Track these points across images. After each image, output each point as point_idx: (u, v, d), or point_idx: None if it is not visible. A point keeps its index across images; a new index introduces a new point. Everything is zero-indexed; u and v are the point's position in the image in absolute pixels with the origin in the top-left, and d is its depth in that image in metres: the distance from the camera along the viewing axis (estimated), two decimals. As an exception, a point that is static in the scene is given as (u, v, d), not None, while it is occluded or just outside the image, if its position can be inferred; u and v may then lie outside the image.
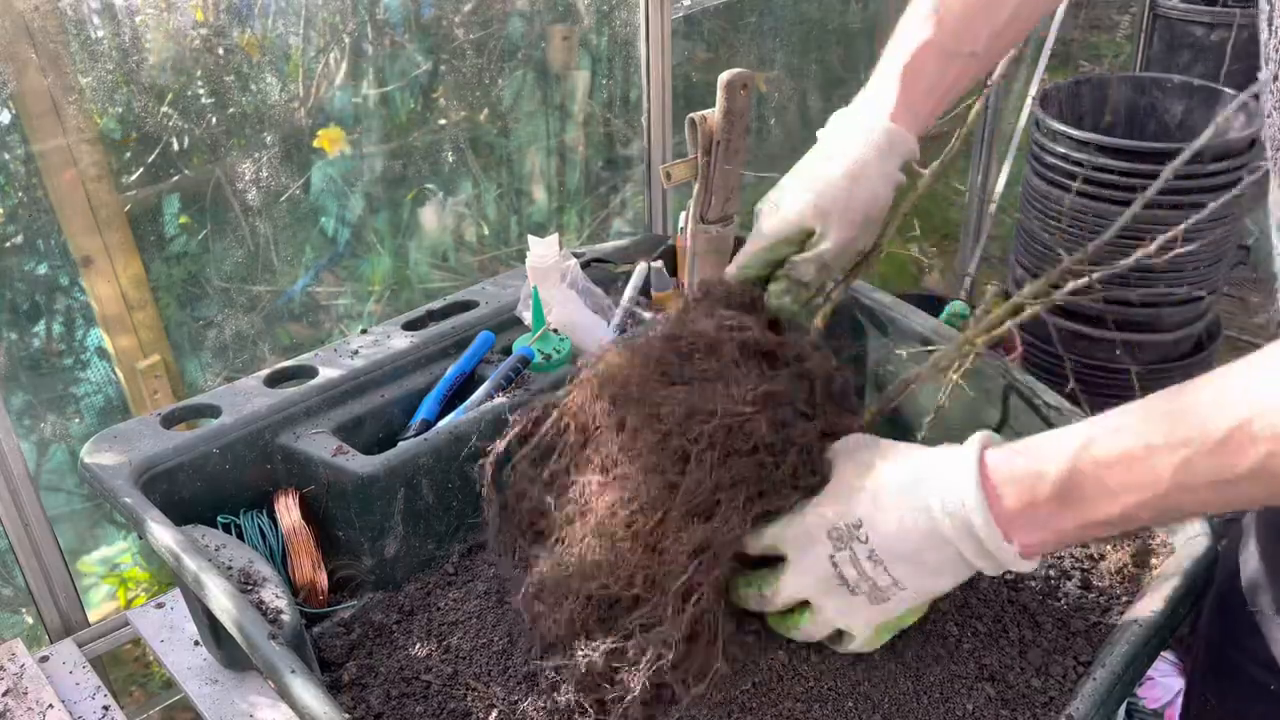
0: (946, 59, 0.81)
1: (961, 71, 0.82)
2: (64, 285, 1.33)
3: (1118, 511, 0.58)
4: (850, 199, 0.80)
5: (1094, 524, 0.60)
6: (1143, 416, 0.58)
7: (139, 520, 0.80)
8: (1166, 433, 0.56)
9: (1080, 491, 0.59)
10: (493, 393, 0.97)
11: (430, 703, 0.77)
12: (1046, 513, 0.61)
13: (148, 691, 1.42)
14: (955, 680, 0.76)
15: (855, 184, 0.80)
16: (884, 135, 0.81)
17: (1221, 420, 0.54)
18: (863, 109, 0.83)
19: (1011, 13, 0.81)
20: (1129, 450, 0.57)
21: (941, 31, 0.80)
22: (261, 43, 1.36)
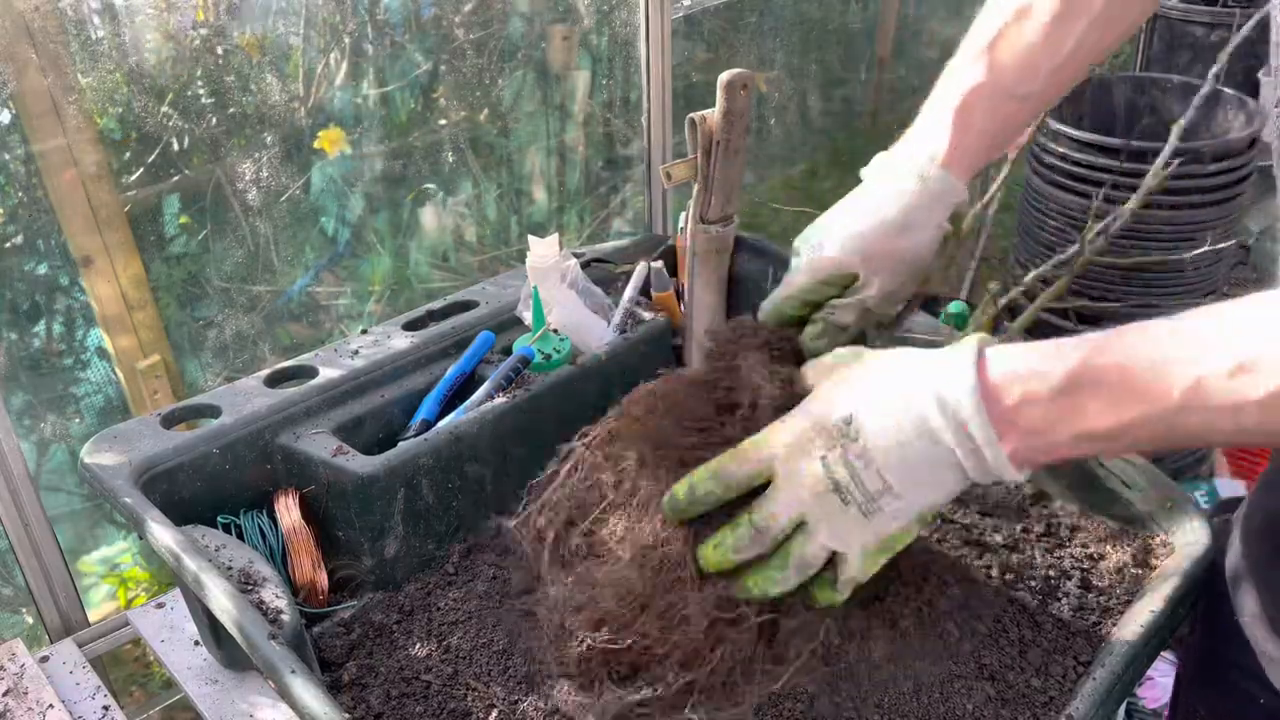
0: (1000, 100, 0.78)
1: (1016, 112, 0.79)
2: (64, 285, 1.33)
3: (1118, 423, 0.56)
4: (898, 247, 0.77)
5: (1091, 435, 0.57)
6: (1162, 332, 0.56)
7: (139, 520, 0.80)
8: (1184, 349, 0.55)
9: (1082, 395, 0.57)
10: (493, 393, 0.97)
11: (430, 703, 0.77)
12: (1044, 415, 0.58)
13: (148, 691, 1.42)
14: (955, 680, 0.76)
15: (904, 232, 0.77)
16: (936, 182, 0.77)
17: (1243, 344, 0.53)
18: (912, 151, 0.80)
19: (1073, 49, 0.77)
20: (1141, 359, 0.56)
21: (995, 73, 0.77)
22: (261, 43, 1.37)
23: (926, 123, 0.80)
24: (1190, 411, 0.54)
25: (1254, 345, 0.53)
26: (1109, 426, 0.57)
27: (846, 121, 2.61)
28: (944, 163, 0.77)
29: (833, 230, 0.80)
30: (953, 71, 0.79)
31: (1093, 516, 0.92)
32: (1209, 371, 0.53)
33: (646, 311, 1.11)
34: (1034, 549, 0.89)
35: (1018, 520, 0.92)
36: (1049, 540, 0.90)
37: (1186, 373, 0.54)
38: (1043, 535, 0.91)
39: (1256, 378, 0.52)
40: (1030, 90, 0.78)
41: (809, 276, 0.80)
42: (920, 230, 0.78)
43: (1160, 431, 0.56)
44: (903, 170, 0.79)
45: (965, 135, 0.78)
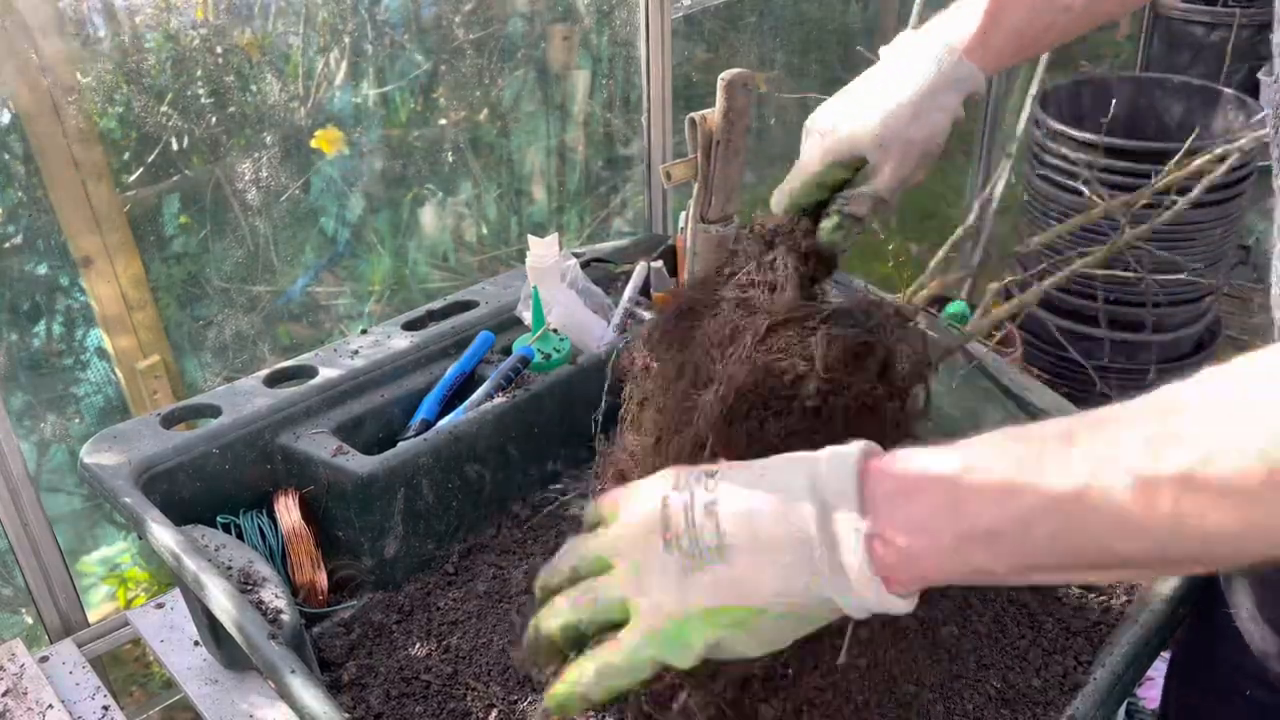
0: (1037, 8, 0.75)
1: (1050, 24, 0.76)
2: (64, 285, 1.33)
3: (1004, 517, 0.45)
4: (913, 132, 0.76)
5: (974, 535, 0.46)
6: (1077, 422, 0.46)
7: (139, 520, 0.80)
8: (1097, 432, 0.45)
9: (968, 487, 0.46)
10: (493, 393, 0.97)
11: (430, 703, 0.77)
12: (925, 509, 0.47)
13: (148, 691, 1.42)
14: (955, 680, 0.76)
15: (919, 116, 0.75)
16: (954, 68, 0.75)
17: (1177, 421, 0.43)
18: (935, 35, 0.77)
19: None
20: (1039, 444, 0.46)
21: None
22: (261, 43, 1.36)
23: (957, 10, 0.78)
24: (1092, 501, 0.43)
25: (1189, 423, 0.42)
26: (991, 523, 0.45)
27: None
28: (967, 49, 0.75)
29: (845, 112, 0.78)
30: None
31: (1093, 516, 0.92)
32: (1122, 449, 0.43)
33: (646, 311, 1.11)
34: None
35: (1018, 520, 0.92)
36: (1049, 540, 0.90)
37: (1092, 452, 0.44)
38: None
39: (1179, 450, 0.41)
40: (1071, 4, 0.75)
41: (821, 160, 0.78)
42: (934, 116, 0.76)
43: (1059, 532, 0.44)
44: (922, 52, 0.77)
45: (994, 30, 0.75)
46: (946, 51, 0.76)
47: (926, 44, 0.77)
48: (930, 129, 0.76)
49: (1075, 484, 0.43)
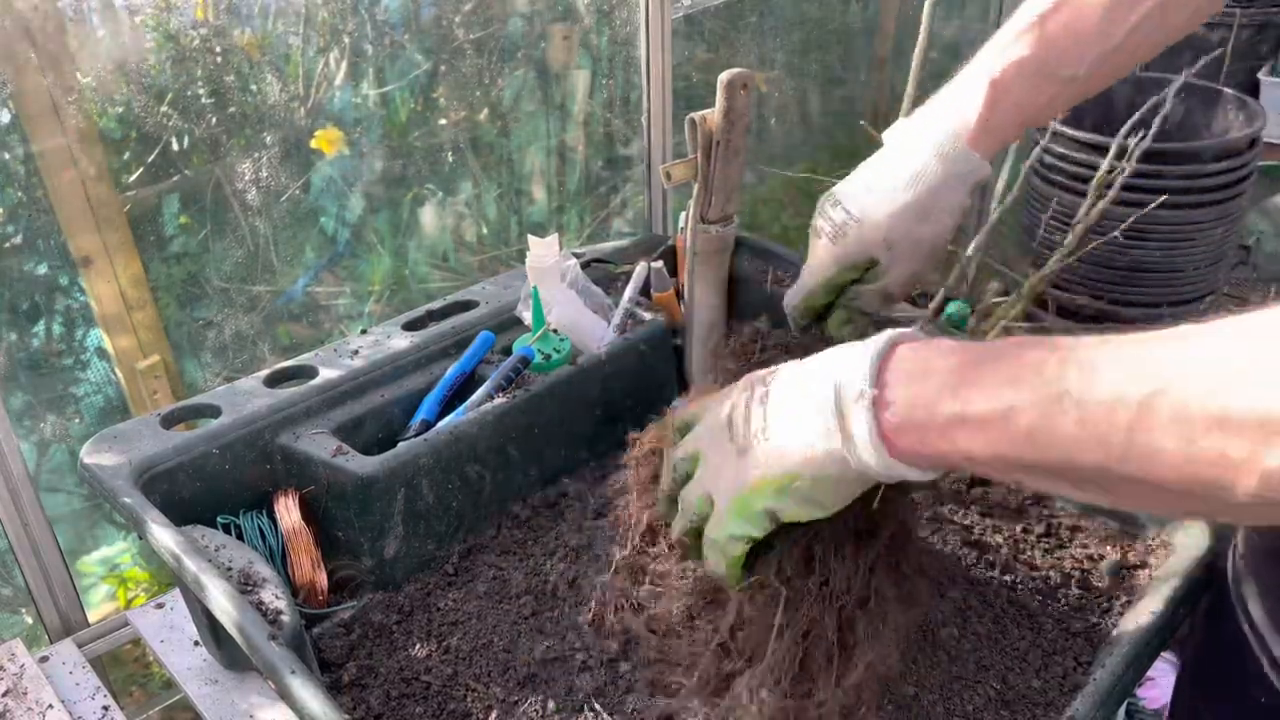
0: (1042, 80, 0.73)
1: (1057, 94, 0.75)
2: (63, 285, 1.33)
3: (991, 409, 0.49)
4: (920, 231, 0.75)
5: (964, 419, 0.51)
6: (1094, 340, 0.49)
7: (139, 521, 0.80)
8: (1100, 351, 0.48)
9: (969, 374, 0.51)
10: (493, 393, 0.97)
11: (430, 703, 0.77)
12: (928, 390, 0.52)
13: (148, 692, 1.42)
14: (955, 681, 0.76)
15: (926, 215, 0.75)
16: (959, 161, 0.74)
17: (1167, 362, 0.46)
18: (938, 122, 0.76)
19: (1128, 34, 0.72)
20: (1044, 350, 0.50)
21: (1042, 49, 0.73)
22: (261, 43, 1.36)
23: (958, 90, 0.76)
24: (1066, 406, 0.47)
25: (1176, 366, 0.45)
26: (982, 410, 0.50)
27: (846, 121, 2.61)
28: (971, 138, 0.74)
29: (852, 209, 0.78)
30: (997, 41, 0.75)
31: (1093, 517, 0.92)
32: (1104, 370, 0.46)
33: (646, 311, 1.11)
34: (1034, 550, 0.89)
35: (1017, 521, 0.92)
36: (1049, 541, 0.90)
37: (1081, 366, 0.47)
38: (1043, 536, 0.91)
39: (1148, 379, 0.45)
40: (1076, 73, 0.73)
41: (834, 265, 0.78)
42: (941, 213, 0.76)
43: (1035, 430, 0.48)
44: (925, 144, 0.75)
45: (996, 111, 0.74)
46: (951, 142, 0.74)
47: (929, 134, 0.76)
48: (938, 226, 0.76)
49: (1058, 389, 0.47)
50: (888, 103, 2.68)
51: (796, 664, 0.66)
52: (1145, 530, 0.89)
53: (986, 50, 0.76)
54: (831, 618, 0.66)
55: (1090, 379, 0.47)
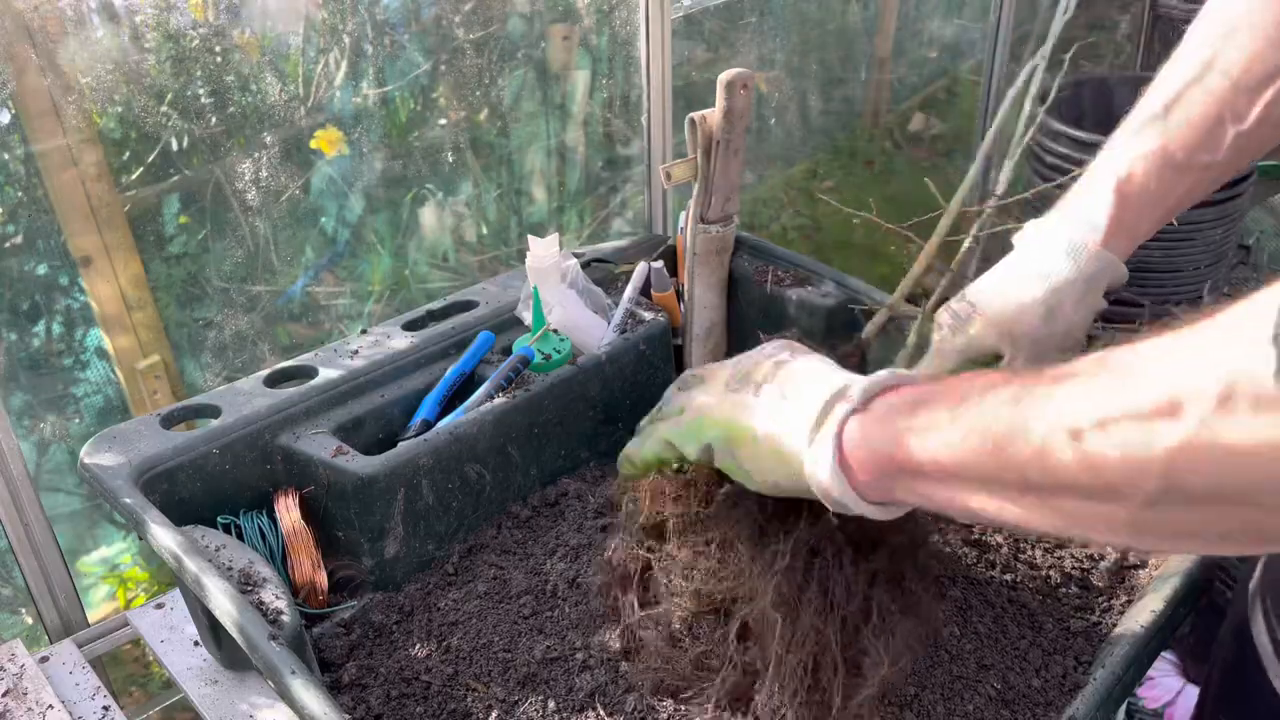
0: (1175, 172, 0.70)
1: (1194, 184, 0.71)
2: (63, 285, 1.33)
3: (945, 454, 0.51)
4: (1046, 331, 0.73)
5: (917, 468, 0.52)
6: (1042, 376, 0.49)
7: (139, 521, 0.80)
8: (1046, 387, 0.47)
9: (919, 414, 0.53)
10: (493, 393, 0.97)
11: (430, 703, 0.77)
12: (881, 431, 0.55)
13: (148, 692, 1.42)
14: (956, 680, 0.76)
15: (1052, 316, 0.73)
16: (1091, 262, 0.71)
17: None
18: (1068, 222, 0.73)
19: (1263, 115, 0.67)
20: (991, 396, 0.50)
21: (1170, 139, 0.69)
22: (261, 43, 1.36)
23: (1088, 190, 0.73)
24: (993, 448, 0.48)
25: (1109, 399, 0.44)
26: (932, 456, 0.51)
27: (846, 121, 2.61)
28: (1104, 240, 0.71)
29: (978, 305, 0.76)
30: (1124, 131, 0.72)
31: (1093, 517, 0.92)
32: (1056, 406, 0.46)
33: (646, 311, 1.11)
34: (1034, 549, 0.89)
35: (1018, 520, 0.92)
36: (1049, 540, 0.90)
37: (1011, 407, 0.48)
38: (1043, 535, 0.91)
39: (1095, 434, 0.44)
40: (1212, 159, 0.70)
41: (955, 356, 0.77)
42: (1070, 313, 0.73)
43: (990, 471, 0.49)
44: (1055, 242, 0.73)
45: (1128, 210, 0.71)
46: (1082, 244, 0.72)
47: (1060, 233, 0.74)
48: (1066, 326, 0.74)
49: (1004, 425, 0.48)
50: (888, 102, 2.68)
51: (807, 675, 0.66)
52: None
53: (1112, 144, 0.73)
54: (834, 628, 0.66)
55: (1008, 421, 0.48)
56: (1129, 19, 2.80)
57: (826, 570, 0.67)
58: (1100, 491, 0.44)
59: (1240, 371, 0.37)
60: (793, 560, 0.66)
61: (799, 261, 1.14)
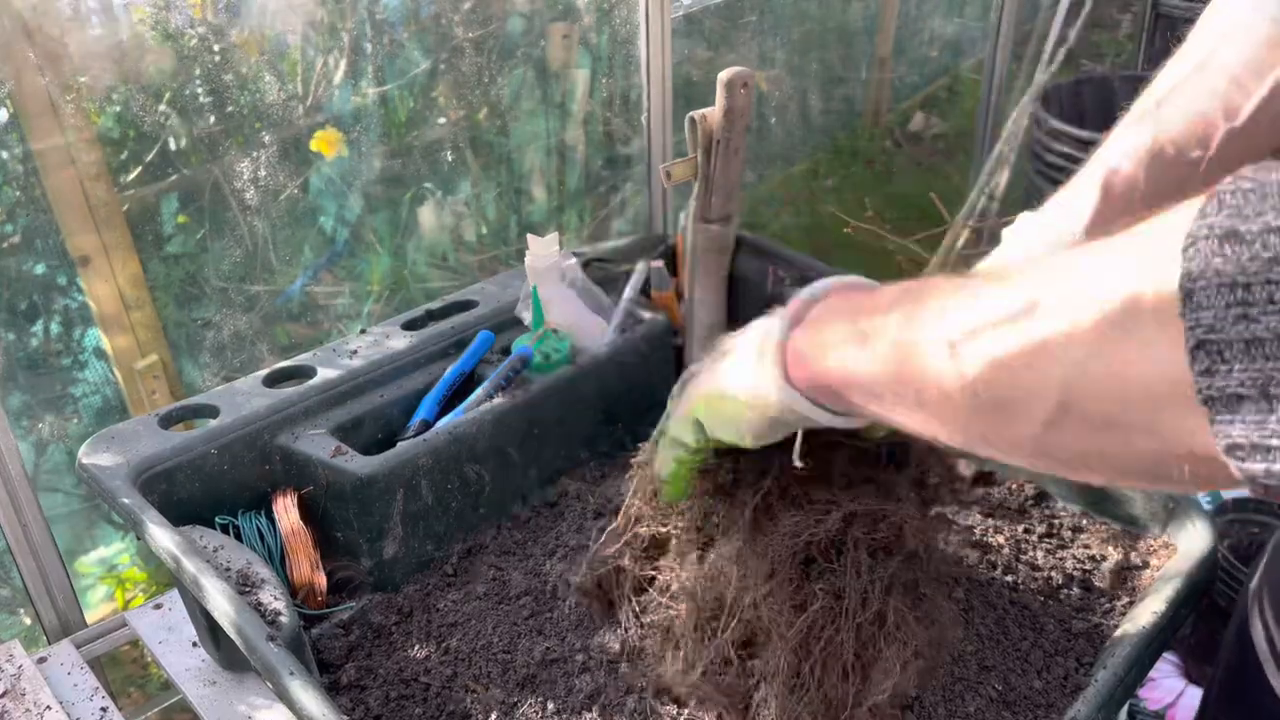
0: (1164, 166, 0.70)
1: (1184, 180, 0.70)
2: (61, 285, 1.33)
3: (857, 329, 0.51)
4: None
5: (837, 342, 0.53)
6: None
7: (137, 521, 0.80)
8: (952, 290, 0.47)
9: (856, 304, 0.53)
10: (492, 393, 0.96)
11: (429, 704, 0.77)
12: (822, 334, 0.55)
13: (146, 693, 1.41)
14: (957, 682, 0.76)
15: None
16: None
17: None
18: (1057, 215, 0.74)
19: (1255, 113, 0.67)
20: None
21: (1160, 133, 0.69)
22: (260, 42, 1.36)
23: (1079, 183, 0.74)
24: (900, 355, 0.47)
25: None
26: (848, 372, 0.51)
27: (847, 120, 2.61)
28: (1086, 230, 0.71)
29: None
30: (1118, 128, 0.73)
31: (1095, 518, 0.92)
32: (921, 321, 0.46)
33: (646, 311, 1.11)
34: (1036, 550, 0.89)
35: (1019, 521, 0.92)
36: (1051, 541, 0.90)
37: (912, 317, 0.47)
38: (1045, 536, 0.90)
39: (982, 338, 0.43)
40: (1203, 155, 0.69)
41: None
42: None
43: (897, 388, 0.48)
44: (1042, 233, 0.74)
45: (1113, 201, 0.71)
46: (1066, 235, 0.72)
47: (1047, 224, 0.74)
48: None
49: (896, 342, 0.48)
50: (888, 102, 2.68)
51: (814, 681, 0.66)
52: (1147, 531, 0.89)
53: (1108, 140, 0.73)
54: (848, 634, 0.66)
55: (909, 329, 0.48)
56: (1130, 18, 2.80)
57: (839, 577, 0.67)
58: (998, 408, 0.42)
59: (1146, 281, 0.35)
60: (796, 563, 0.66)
61: (799, 261, 1.14)
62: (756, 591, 0.67)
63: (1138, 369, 0.35)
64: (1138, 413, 0.36)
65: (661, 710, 0.74)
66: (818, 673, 0.66)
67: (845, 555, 0.68)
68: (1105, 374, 0.37)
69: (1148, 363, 0.35)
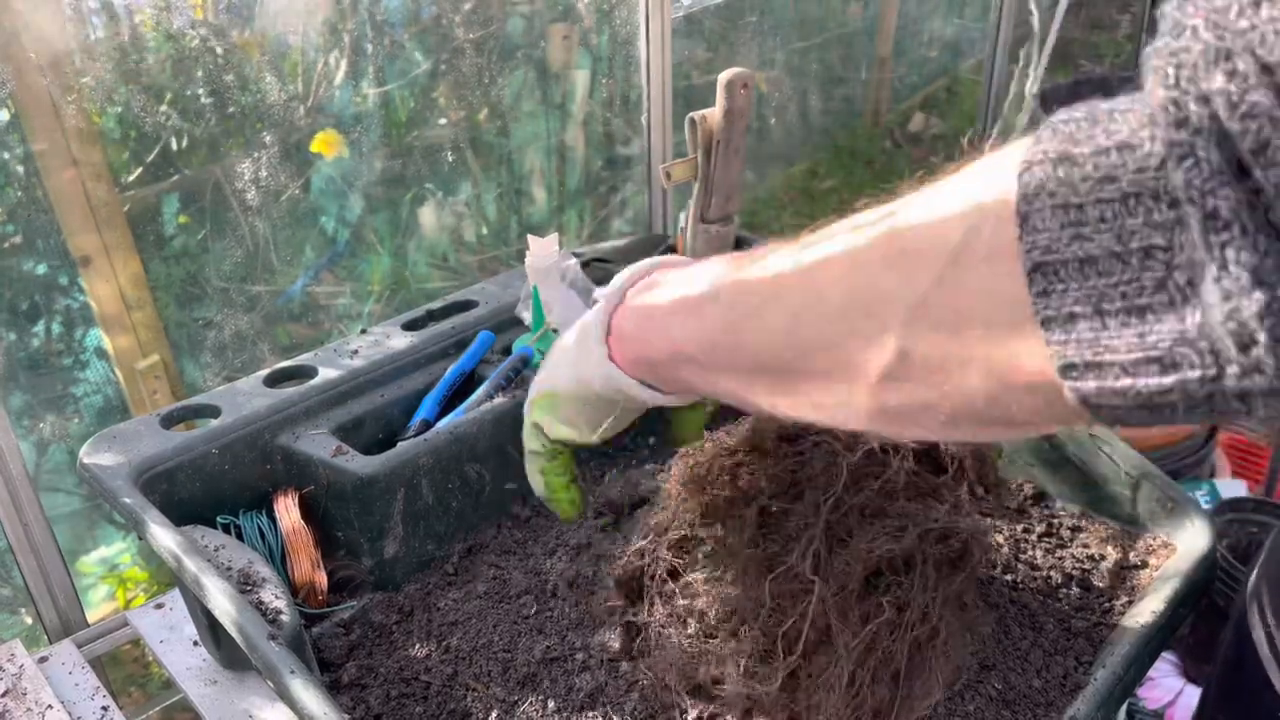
0: None
1: None
2: (63, 285, 1.33)
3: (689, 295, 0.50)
4: None
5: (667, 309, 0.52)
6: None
7: (139, 521, 0.80)
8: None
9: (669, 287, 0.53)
10: (493, 393, 0.96)
11: (430, 703, 0.77)
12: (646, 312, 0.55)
13: (147, 692, 1.42)
14: (956, 681, 0.76)
15: None
16: None
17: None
18: None
19: None
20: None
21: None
22: (261, 42, 1.36)
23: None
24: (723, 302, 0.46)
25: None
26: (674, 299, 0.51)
27: (846, 121, 2.61)
28: None
29: None
30: None
31: (1094, 517, 0.92)
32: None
33: (646, 311, 1.11)
34: (1035, 550, 0.89)
35: (1019, 521, 0.92)
36: (1050, 541, 0.90)
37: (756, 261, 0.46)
38: (1044, 536, 0.91)
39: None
40: None
41: None
42: None
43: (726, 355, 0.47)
44: None
45: None
46: None
47: None
48: None
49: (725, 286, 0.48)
50: (888, 102, 2.68)
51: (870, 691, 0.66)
52: (1146, 530, 0.89)
53: None
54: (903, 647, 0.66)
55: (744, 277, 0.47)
56: (1129, 18, 2.81)
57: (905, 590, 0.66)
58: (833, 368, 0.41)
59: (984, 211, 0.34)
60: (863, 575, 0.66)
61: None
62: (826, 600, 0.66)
63: (975, 299, 0.35)
64: (977, 345, 0.35)
65: (661, 711, 0.74)
66: (868, 683, 0.66)
67: (914, 570, 0.67)
68: (946, 310, 0.36)
69: (986, 292, 0.34)
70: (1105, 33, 2.92)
